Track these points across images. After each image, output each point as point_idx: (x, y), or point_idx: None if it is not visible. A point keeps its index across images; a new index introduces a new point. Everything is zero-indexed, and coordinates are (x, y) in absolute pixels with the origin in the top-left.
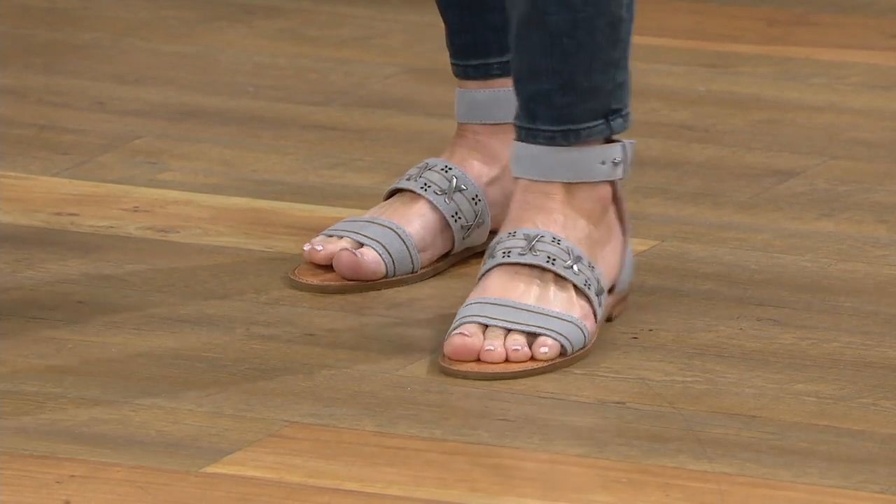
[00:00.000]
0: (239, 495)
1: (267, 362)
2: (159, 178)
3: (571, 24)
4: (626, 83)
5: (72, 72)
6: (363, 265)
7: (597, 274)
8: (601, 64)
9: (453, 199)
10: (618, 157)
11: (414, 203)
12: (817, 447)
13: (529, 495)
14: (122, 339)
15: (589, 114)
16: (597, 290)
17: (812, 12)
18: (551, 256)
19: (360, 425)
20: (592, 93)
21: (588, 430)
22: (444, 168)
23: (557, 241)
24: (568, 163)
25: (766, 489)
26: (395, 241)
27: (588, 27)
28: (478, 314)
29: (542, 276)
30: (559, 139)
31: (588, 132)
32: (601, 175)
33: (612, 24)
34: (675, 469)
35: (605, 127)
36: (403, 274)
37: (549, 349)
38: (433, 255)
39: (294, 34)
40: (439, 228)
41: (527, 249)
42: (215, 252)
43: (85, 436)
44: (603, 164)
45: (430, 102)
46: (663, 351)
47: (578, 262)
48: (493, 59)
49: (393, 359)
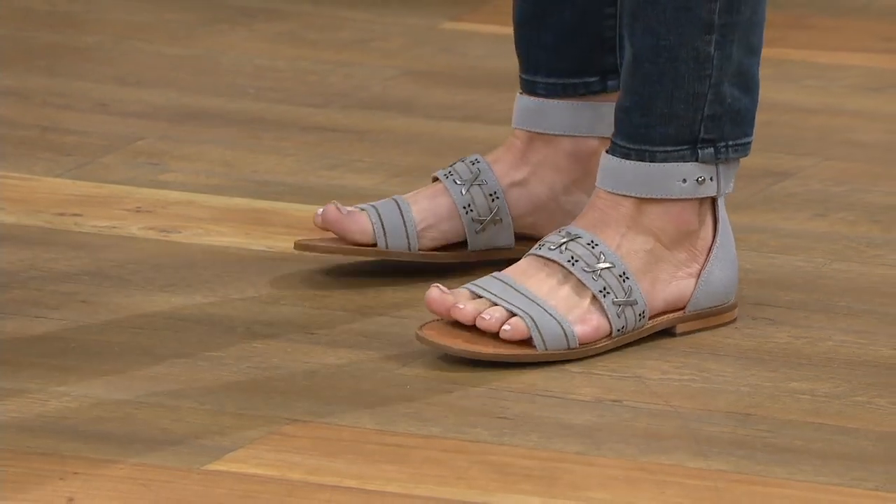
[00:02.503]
0: (240, 492)
1: (268, 361)
2: (161, 178)
3: (653, 51)
4: (720, 117)
5: (74, 74)
6: (345, 222)
7: (628, 285)
8: (685, 94)
9: (469, 192)
10: (703, 176)
11: (432, 187)
12: (812, 445)
13: (528, 492)
14: (124, 337)
15: (669, 138)
16: (618, 301)
17: (808, 15)
18: (575, 257)
19: (360, 423)
20: (674, 119)
21: (585, 427)
22: (473, 161)
23: (593, 244)
24: (642, 177)
25: (761, 486)
26: (393, 211)
27: (671, 56)
28: (479, 285)
29: (566, 274)
30: (633, 156)
31: (665, 155)
32: (678, 193)
33: (696, 58)
34: (672, 466)
35: (688, 153)
36: (398, 249)
37: (511, 328)
38: (436, 240)
39: (294, 37)
40: (448, 214)
41: (557, 246)
42: (216, 252)
43: (88, 433)
44: (683, 183)
45: (429, 104)
46: (660, 350)
47: (606, 269)
48: (540, 78)
49: (393, 357)
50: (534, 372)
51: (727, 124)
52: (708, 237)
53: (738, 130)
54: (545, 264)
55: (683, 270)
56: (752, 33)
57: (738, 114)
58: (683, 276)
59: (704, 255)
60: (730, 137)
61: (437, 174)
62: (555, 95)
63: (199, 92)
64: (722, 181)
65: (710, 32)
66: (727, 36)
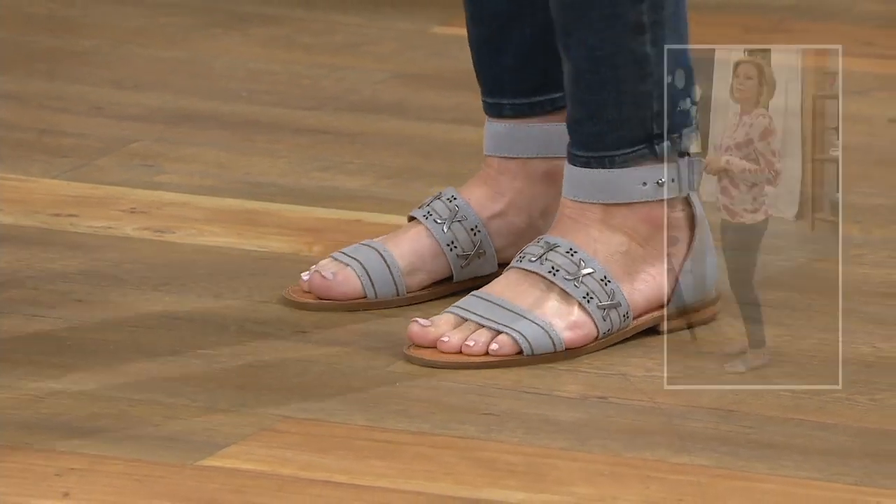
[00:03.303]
0: (233, 487)
1: (260, 359)
2: (156, 180)
3: (592, 62)
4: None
5: (72, 78)
6: (333, 286)
7: (610, 288)
8: (630, 97)
9: (451, 229)
10: (662, 178)
11: (412, 229)
12: (793, 440)
13: (514, 487)
14: (119, 336)
15: (625, 141)
16: (602, 305)
17: (788, 19)
18: (556, 267)
19: (350, 420)
20: (625, 122)
21: (571, 424)
22: (450, 198)
23: (572, 252)
24: (603, 185)
25: (743, 481)
26: (377, 262)
27: (610, 64)
28: (463, 306)
29: (548, 284)
30: (594, 164)
31: (624, 158)
32: (640, 196)
33: (635, 60)
34: (656, 462)
35: (647, 151)
36: (387, 296)
37: (499, 346)
38: (424, 281)
39: (287, 41)
40: (432, 255)
41: (537, 257)
42: (210, 252)
43: (84, 430)
44: (644, 186)
45: (420, 107)
46: (644, 347)
47: (587, 275)
48: (506, 100)
49: (382, 355)
50: (520, 370)
51: (676, 116)
52: (684, 233)
53: (685, 119)
54: (526, 276)
55: (661, 267)
56: (679, 24)
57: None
58: (661, 272)
59: (683, 251)
60: (680, 127)
61: (415, 214)
62: (522, 115)
63: (193, 95)
64: (685, 180)
65: (643, 32)
66: (658, 32)
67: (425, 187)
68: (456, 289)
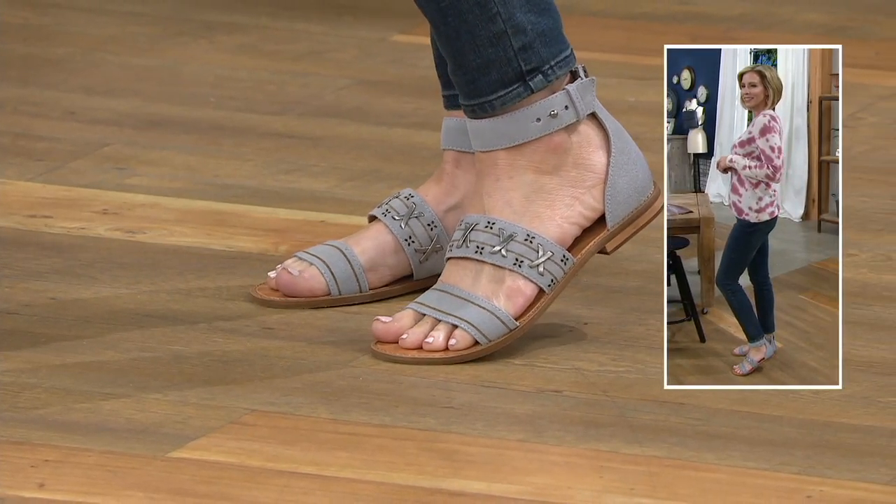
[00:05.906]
0: (202, 478)
1: (228, 354)
2: (127, 182)
3: (440, 14)
4: (530, 44)
5: (45, 84)
6: (298, 283)
7: (537, 243)
8: (485, 40)
9: (408, 225)
10: (556, 109)
11: (373, 227)
12: (740, 432)
13: (474, 477)
14: (92, 332)
15: (497, 83)
16: (534, 264)
17: (733, 29)
18: (480, 246)
19: (315, 413)
20: (490, 65)
21: (528, 416)
22: (407, 196)
23: (491, 224)
24: (500, 130)
25: (692, 471)
26: (340, 259)
27: (455, 11)
28: (420, 302)
29: (479, 264)
30: (479, 112)
31: (502, 100)
32: (538, 132)
33: (478, 3)
34: (609, 453)
35: (523, 89)
36: (350, 293)
37: (457, 341)
38: (384, 277)
39: (253, 49)
40: (391, 250)
41: (461, 241)
42: (180, 252)
43: (58, 423)
44: (538, 121)
45: (380, 112)
46: (598, 343)
47: (510, 240)
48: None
49: (346, 351)
50: (479, 365)
51: (540, 48)
52: (600, 149)
53: (553, 49)
54: (458, 262)
55: (584, 185)
56: None
57: (545, 35)
58: (586, 189)
59: (603, 167)
60: (549, 59)
61: (375, 213)
62: None
63: (163, 101)
64: (579, 104)
65: None
66: None
67: (387, 189)
68: (416, 287)
